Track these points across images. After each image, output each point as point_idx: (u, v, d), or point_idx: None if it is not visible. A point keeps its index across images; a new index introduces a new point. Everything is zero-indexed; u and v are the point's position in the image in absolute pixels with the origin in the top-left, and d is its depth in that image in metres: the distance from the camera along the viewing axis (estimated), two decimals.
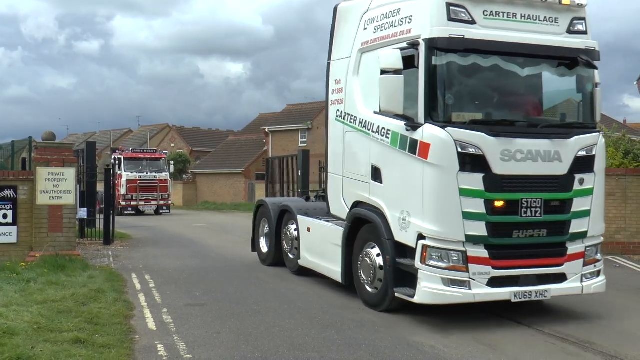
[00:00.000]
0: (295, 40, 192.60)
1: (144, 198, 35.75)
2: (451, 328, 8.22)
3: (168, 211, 37.09)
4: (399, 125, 8.57)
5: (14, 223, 13.16)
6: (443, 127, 8.05)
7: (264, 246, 13.86)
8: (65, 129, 79.88)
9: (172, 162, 39.82)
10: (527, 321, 8.68)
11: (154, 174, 36.33)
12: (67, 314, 8.54)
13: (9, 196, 13.13)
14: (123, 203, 34.95)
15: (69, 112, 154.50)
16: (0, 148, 19.72)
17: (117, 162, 35.28)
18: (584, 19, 8.87)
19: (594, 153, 8.73)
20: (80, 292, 9.97)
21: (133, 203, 35.39)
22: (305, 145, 45.83)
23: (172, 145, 62.36)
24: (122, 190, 34.91)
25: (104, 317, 8.49)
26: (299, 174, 29.80)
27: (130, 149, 39.67)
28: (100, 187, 28.05)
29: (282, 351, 7.12)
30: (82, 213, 17.33)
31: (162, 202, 36.77)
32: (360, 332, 8.01)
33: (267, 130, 52.11)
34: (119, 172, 34.60)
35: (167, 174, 37.54)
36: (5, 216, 13.09)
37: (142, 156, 37.40)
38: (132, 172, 35.55)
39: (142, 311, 9.23)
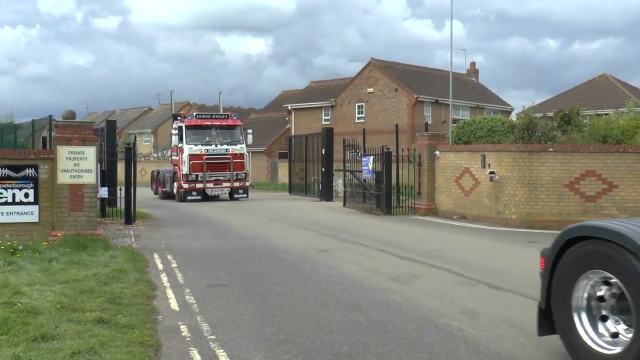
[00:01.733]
0: (317, 15, 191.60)
1: (213, 178, 28.78)
2: (480, 310, 8.18)
3: (245, 195, 29.91)
4: None
5: (36, 202, 13.32)
6: None
7: (595, 339, 5.87)
8: (85, 107, 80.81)
9: (250, 132, 30.95)
10: None
11: (225, 146, 29.15)
12: (89, 293, 8.64)
13: (30, 175, 13.28)
14: (185, 186, 28.47)
15: (87, 90, 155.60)
16: (20, 127, 19.96)
17: (178, 131, 29.37)
18: None
19: None
20: (102, 271, 10.08)
21: (199, 185, 28.47)
22: (328, 123, 45.77)
23: None
24: (184, 169, 28.48)
25: (127, 297, 8.58)
26: (323, 152, 29.91)
27: (195, 114, 31.51)
28: (163, 166, 26.99)
29: (307, 333, 7.14)
30: (103, 192, 17.51)
31: (237, 184, 29.42)
32: (386, 314, 7.99)
33: (289, 107, 52.08)
34: (179, 145, 29.19)
35: (244, 146, 29.98)
36: (26, 195, 13.25)
37: (211, 123, 29.76)
38: (196, 145, 28.56)
39: (164, 291, 9.32)
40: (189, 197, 28.28)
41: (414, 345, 6.72)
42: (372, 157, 22.82)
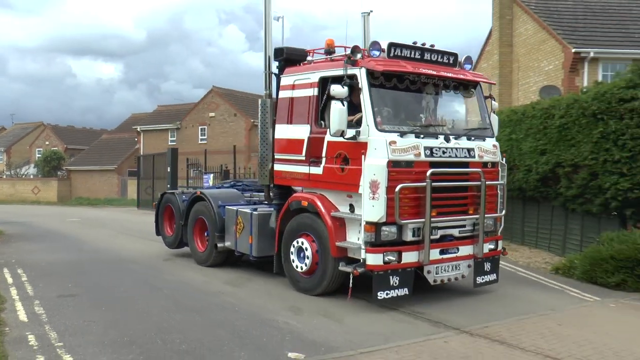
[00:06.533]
0: (165, 45, 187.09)
1: (450, 233, 8.35)
2: (303, 306, 8.44)
3: (495, 277, 9.03)
4: None
5: None
6: None
7: None
8: None
9: (494, 104, 9.39)
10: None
11: (465, 141, 8.48)
12: None
13: None
14: (375, 259, 7.66)
15: None
16: None
17: (348, 86, 7.86)
18: None
19: None
20: None
21: (408, 258, 7.81)
22: (174, 143, 44.84)
23: (47, 142, 58.78)
24: (376, 208, 7.57)
25: None
26: (168, 170, 29.21)
27: (388, 43, 8.18)
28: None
29: (149, 334, 7.02)
30: None
31: (487, 248, 8.72)
32: (221, 314, 8.04)
33: (138, 129, 50.37)
34: (357, 134, 7.86)
35: (493, 140, 8.91)
36: None
37: (436, 73, 8.39)
38: (404, 136, 7.79)
39: (13, 304, 8.70)
40: (381, 293, 7.77)
41: (243, 339, 6.85)
42: (212, 175, 22.76)
